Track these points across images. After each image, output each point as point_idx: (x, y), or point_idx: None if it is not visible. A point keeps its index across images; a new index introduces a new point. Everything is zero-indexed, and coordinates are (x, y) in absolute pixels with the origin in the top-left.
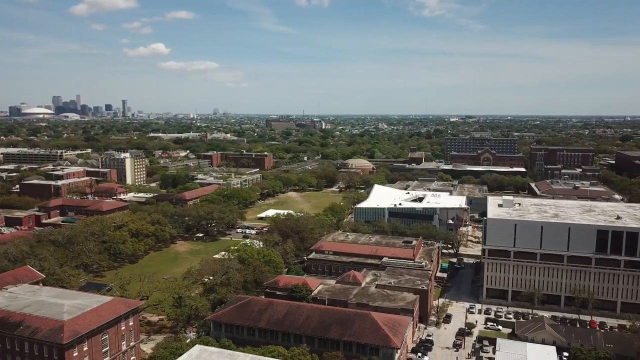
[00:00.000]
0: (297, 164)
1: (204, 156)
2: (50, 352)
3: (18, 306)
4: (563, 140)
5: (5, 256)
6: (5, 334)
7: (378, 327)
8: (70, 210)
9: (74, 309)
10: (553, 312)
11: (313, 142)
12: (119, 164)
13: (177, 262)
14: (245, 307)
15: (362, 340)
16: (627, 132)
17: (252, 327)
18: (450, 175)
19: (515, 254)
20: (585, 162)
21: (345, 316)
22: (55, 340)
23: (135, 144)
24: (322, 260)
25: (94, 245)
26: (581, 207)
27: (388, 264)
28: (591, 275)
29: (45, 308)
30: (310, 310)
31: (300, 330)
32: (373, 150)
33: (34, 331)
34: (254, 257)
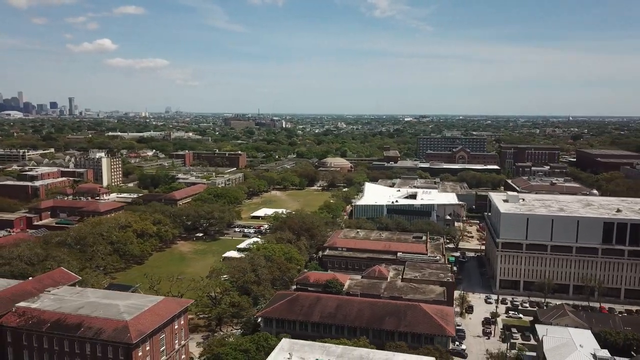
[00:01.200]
0: (275, 163)
1: (177, 155)
2: (116, 352)
3: (71, 308)
4: (520, 139)
5: (20, 259)
6: (65, 336)
7: (430, 317)
8: (62, 211)
9: (130, 309)
10: (563, 300)
11: (282, 141)
12: (95, 164)
13: (184, 262)
14: (294, 303)
15: (417, 330)
16: (575, 131)
17: (304, 321)
18: (428, 173)
19: (527, 246)
20: (552, 159)
21: (397, 308)
22: (122, 340)
23: (97, 143)
24: (338, 256)
25: (104, 247)
26: (580, 202)
27: (404, 258)
28: (598, 265)
29: (101, 309)
30: (360, 303)
31: (354, 322)
32: (344, 149)
33: (97, 332)
34: (276, 254)
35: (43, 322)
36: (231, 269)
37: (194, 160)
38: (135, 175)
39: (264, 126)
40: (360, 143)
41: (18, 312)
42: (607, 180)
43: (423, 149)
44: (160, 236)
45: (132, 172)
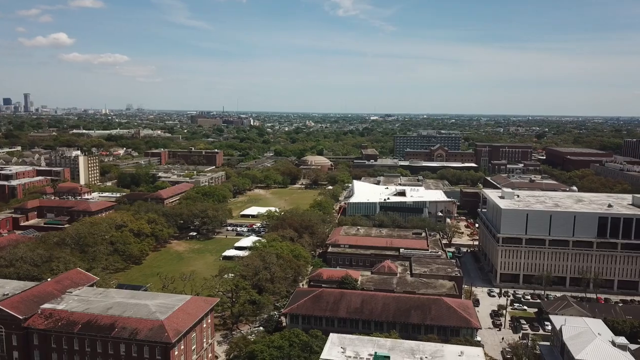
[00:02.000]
0: (254, 161)
1: (152, 154)
2: (153, 352)
3: (100, 309)
4: (488, 138)
5: (24, 260)
6: (97, 337)
7: (454, 310)
8: (49, 211)
9: (161, 308)
10: (561, 292)
11: (254, 139)
12: (72, 162)
13: (183, 262)
14: (319, 299)
15: (443, 323)
16: (537, 130)
17: (331, 317)
18: (408, 171)
19: (526, 240)
20: (525, 157)
21: (420, 302)
22: (160, 339)
23: (64, 141)
24: (342, 253)
25: (105, 247)
26: (570, 198)
27: (407, 254)
28: (593, 257)
29: (131, 309)
30: (384, 298)
31: (381, 317)
32: (319, 147)
33: (133, 332)
34: (284, 251)
35: (73, 323)
36: (243, 267)
37: (170, 159)
38: (113, 174)
39: (231, 124)
40: (333, 141)
41: (44, 314)
42: (579, 177)
43: (399, 147)
44: (156, 236)
45: (109, 170)
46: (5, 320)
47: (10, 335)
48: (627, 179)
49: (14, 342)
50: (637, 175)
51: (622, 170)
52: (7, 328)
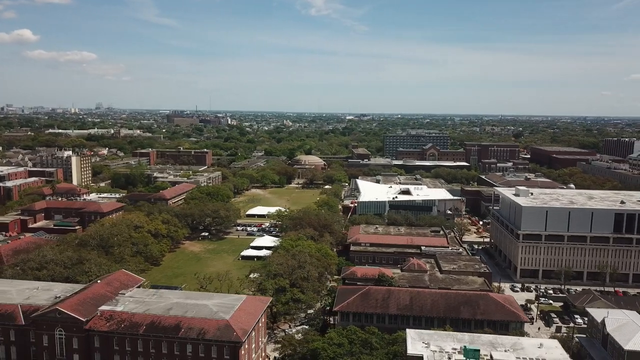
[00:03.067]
0: (247, 161)
1: (141, 154)
2: (221, 352)
3: (160, 309)
4: (469, 137)
5: (56, 263)
6: (163, 338)
7: (502, 305)
8: (57, 213)
9: (222, 308)
10: (579, 287)
11: (238, 139)
12: (65, 163)
13: (202, 262)
14: (367, 296)
15: (493, 317)
16: (511, 129)
17: (382, 313)
18: (403, 170)
19: (546, 237)
20: (513, 156)
21: (468, 297)
22: (229, 338)
23: (43, 141)
24: (365, 251)
25: (130, 248)
26: (581, 195)
27: (429, 252)
28: (609, 252)
29: (193, 309)
30: (432, 294)
31: (431, 313)
32: (306, 147)
33: (200, 332)
34: (312, 251)
35: (137, 325)
36: (276, 265)
37: (158, 159)
38: (105, 174)
39: (209, 123)
40: (318, 141)
41: (104, 315)
42: (568, 175)
43: (389, 146)
44: (171, 236)
45: (100, 171)
46: (65, 323)
47: (71, 338)
48: (614, 176)
49: (75, 345)
50: (624, 173)
51: (609, 168)
52: (68, 331)
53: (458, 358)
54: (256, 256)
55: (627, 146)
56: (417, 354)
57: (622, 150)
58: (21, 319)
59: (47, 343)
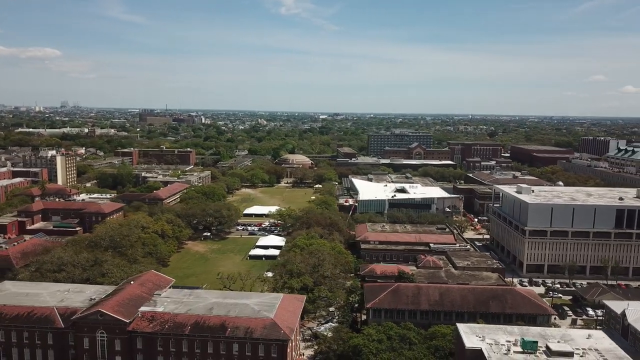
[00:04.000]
0: (234, 160)
1: (123, 153)
2: (268, 350)
3: (202, 309)
4: (444, 136)
5: (74, 265)
6: (209, 338)
7: (528, 299)
8: (55, 214)
9: (263, 306)
10: (583, 280)
11: (219, 139)
12: (49, 162)
13: (210, 262)
14: (397, 293)
15: (521, 310)
16: (483, 128)
17: (413, 310)
18: (391, 168)
19: (551, 233)
20: (495, 155)
21: (495, 292)
22: (277, 336)
23: (15, 140)
24: (376, 249)
25: (142, 249)
26: (579, 192)
27: (438, 249)
28: (611, 247)
29: (234, 308)
30: (460, 290)
31: (462, 307)
32: (289, 146)
33: (247, 331)
34: (327, 249)
35: (181, 325)
36: (296, 264)
37: (141, 158)
38: (90, 174)
39: (183, 122)
40: (298, 140)
41: (146, 316)
42: (550, 173)
43: (374, 145)
44: (177, 237)
45: (85, 171)
46: (108, 325)
47: (113, 340)
48: (595, 174)
49: (117, 347)
50: (605, 171)
51: (590, 166)
52: (110, 333)
53: (516, 350)
54: (264, 255)
55: (603, 145)
56: (475, 347)
57: (598, 148)
58: (60, 322)
59: (87, 346)
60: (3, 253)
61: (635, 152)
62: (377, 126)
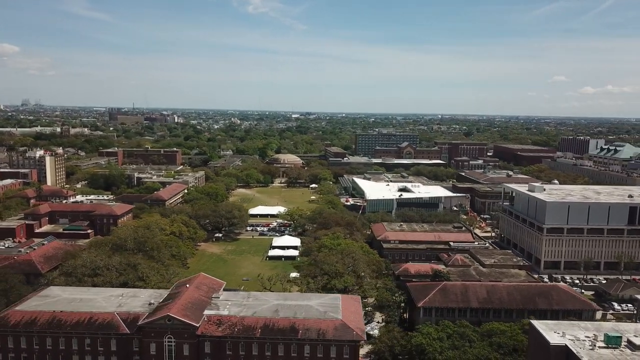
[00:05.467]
0: (224, 160)
1: (107, 153)
2: (340, 351)
3: (267, 312)
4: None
5: (108, 268)
6: (280, 340)
7: (572, 295)
8: (63, 216)
9: (328, 307)
10: (599, 275)
11: (200, 138)
12: (37, 163)
13: (229, 264)
14: (446, 292)
15: (568, 306)
16: (456, 127)
17: (464, 308)
18: (384, 168)
19: (568, 230)
20: (481, 154)
21: (539, 289)
22: (350, 337)
23: None
24: (397, 248)
25: (168, 251)
26: (587, 190)
27: (458, 247)
28: (624, 243)
29: (301, 310)
30: (506, 287)
31: (511, 304)
32: (273, 146)
33: (319, 332)
34: (356, 249)
35: (251, 328)
36: (328, 265)
37: (125, 159)
38: (79, 175)
39: (155, 121)
40: (280, 139)
41: (212, 320)
42: (537, 171)
43: (362, 145)
44: (192, 238)
45: (73, 172)
46: (176, 330)
47: (182, 345)
48: (582, 172)
49: (185, 352)
50: (591, 169)
51: (575, 165)
52: (179, 338)
53: (600, 345)
54: (283, 256)
55: (583, 144)
56: (559, 343)
57: (578, 148)
58: (124, 328)
59: (154, 351)
60: (25, 257)
61: (618, 151)
62: (352, 125)
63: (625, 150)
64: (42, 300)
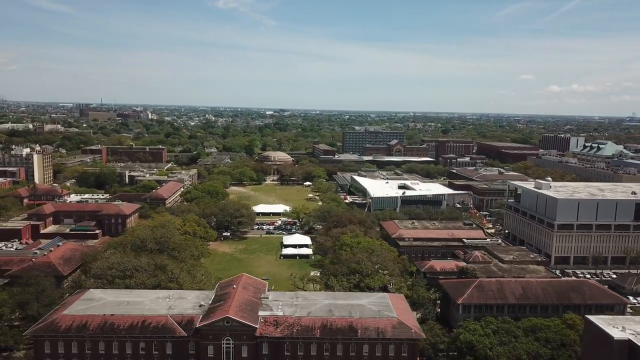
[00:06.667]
0: (214, 158)
1: (91, 151)
2: (399, 350)
3: (321, 312)
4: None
5: (137, 269)
6: (339, 340)
7: (603, 290)
8: (67, 216)
9: (380, 306)
10: (607, 270)
11: (181, 135)
12: (24, 161)
13: (244, 263)
14: (481, 288)
15: (600, 301)
16: (432, 125)
17: (502, 304)
18: (375, 165)
19: (577, 226)
20: (467, 151)
21: (571, 285)
22: (409, 335)
23: None
24: (412, 246)
25: (190, 251)
26: (590, 187)
27: (472, 244)
28: (630, 238)
29: (354, 309)
30: (540, 283)
31: (546, 300)
32: (256, 143)
33: (378, 332)
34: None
35: (309, 329)
36: (355, 264)
37: (110, 156)
38: (67, 173)
39: (128, 117)
40: (262, 137)
41: (268, 321)
42: (524, 168)
43: (349, 142)
44: (205, 238)
45: (60, 170)
46: (235, 332)
47: (240, 346)
48: (568, 169)
49: (244, 354)
50: (576, 166)
51: (561, 162)
52: (237, 339)
53: None
54: (298, 254)
55: (563, 142)
56: (622, 338)
57: (559, 145)
58: (180, 330)
59: (212, 354)
60: (45, 259)
61: (601, 149)
62: (328, 123)
63: (607, 148)
64: (89, 304)
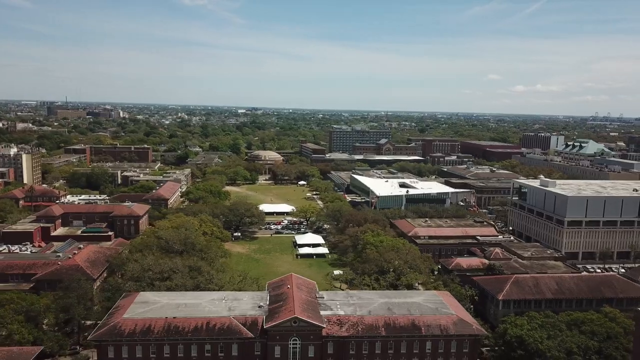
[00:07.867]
0: (203, 158)
1: (75, 150)
2: (461, 346)
3: (382, 310)
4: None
5: (173, 271)
6: (403, 337)
7: (632, 283)
8: (76, 218)
9: (435, 304)
10: (614, 264)
11: (161, 134)
12: (13, 161)
13: (260, 263)
14: (518, 284)
15: (631, 295)
16: (407, 124)
17: (539, 299)
18: (367, 164)
19: (586, 222)
20: (453, 150)
21: (602, 279)
22: (471, 332)
23: None
24: (428, 244)
25: (215, 252)
26: (592, 185)
27: (485, 241)
28: (635, 234)
29: (412, 307)
30: (572, 278)
31: (580, 294)
32: (238, 142)
33: (441, 328)
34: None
35: (373, 327)
36: (384, 262)
37: (93, 156)
38: (56, 174)
39: (98, 116)
40: (243, 135)
41: (332, 321)
42: (511, 166)
43: (337, 141)
44: (221, 238)
45: (48, 170)
46: (302, 332)
47: (307, 346)
48: (553, 167)
49: (310, 354)
50: (561, 164)
51: (547, 160)
52: (304, 339)
53: None
54: (315, 254)
55: (544, 141)
56: None
57: (540, 144)
58: (246, 332)
59: (279, 354)
60: (71, 263)
61: (583, 147)
62: (304, 122)
63: (589, 146)
64: (146, 307)
